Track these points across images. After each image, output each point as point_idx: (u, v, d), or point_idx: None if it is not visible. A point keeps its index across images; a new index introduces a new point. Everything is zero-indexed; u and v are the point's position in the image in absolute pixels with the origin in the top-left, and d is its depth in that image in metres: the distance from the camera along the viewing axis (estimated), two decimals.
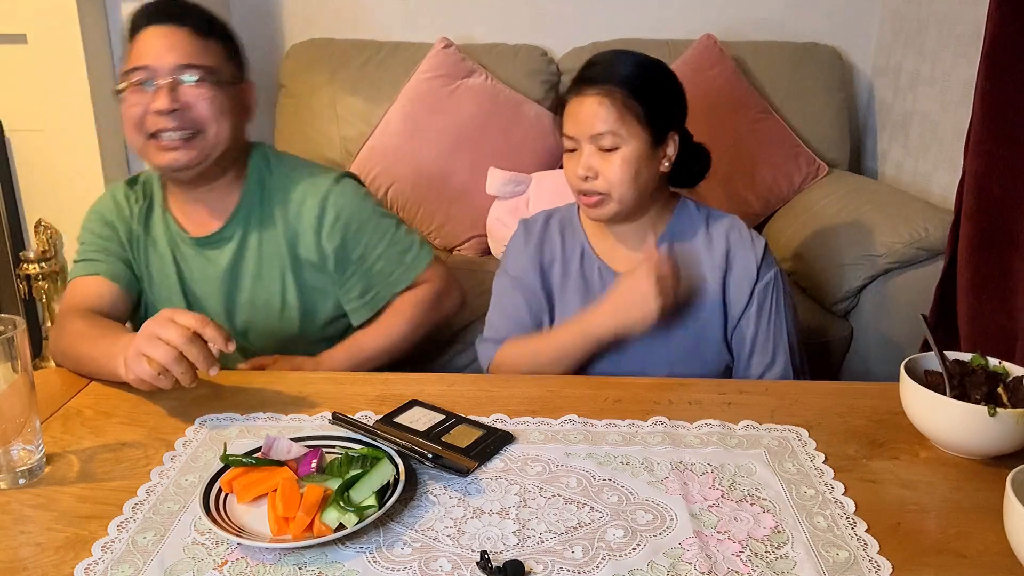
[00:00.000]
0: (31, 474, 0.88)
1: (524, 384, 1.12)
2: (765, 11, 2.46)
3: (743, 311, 1.25)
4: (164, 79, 1.16)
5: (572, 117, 1.22)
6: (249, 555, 0.75)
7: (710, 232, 1.28)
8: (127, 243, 1.29)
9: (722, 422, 0.99)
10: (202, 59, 1.18)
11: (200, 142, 1.19)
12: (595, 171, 1.20)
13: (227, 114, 1.21)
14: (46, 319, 2.33)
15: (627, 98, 1.18)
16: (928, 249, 1.73)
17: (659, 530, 0.79)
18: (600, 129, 1.18)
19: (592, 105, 1.19)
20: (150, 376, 0.96)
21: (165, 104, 1.15)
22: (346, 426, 0.94)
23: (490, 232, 2.17)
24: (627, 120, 1.18)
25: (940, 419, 0.91)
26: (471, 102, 2.21)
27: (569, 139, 1.23)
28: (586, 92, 1.20)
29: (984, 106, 1.36)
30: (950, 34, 2.04)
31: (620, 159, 1.19)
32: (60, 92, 2.15)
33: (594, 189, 1.20)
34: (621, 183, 1.19)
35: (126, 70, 1.18)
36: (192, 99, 1.17)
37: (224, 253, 1.28)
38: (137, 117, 1.17)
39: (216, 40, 1.22)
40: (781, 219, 2.21)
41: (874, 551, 0.76)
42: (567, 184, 1.26)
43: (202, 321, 0.96)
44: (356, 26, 2.47)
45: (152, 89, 1.16)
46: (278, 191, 1.29)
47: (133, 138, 1.20)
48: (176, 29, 1.18)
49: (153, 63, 1.16)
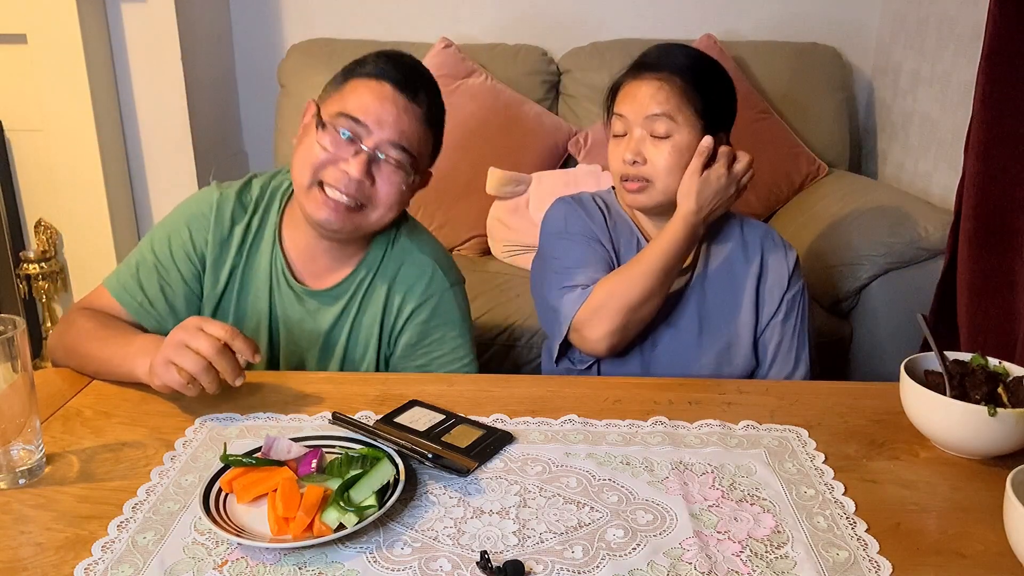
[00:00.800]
0: (31, 474, 0.87)
1: (524, 384, 1.12)
2: (765, 11, 2.46)
3: (771, 318, 1.25)
4: (371, 143, 1.09)
5: (627, 98, 1.20)
6: (249, 555, 0.75)
7: (745, 238, 1.28)
8: (208, 269, 1.18)
9: (722, 422, 0.99)
10: (416, 147, 1.12)
11: (362, 217, 1.13)
12: (643, 157, 1.18)
13: (402, 200, 1.15)
14: (46, 319, 2.33)
15: (687, 86, 1.17)
16: (928, 249, 1.73)
17: (659, 530, 0.79)
18: (656, 111, 1.16)
19: (651, 88, 1.17)
20: (178, 385, 0.95)
21: (359, 173, 1.08)
22: (346, 426, 0.94)
23: (490, 232, 2.17)
24: (684, 108, 1.17)
25: (940, 419, 0.91)
26: (471, 102, 2.21)
27: (620, 119, 1.21)
28: (645, 76, 1.19)
29: (984, 106, 1.36)
30: (950, 34, 2.04)
31: (671, 147, 1.17)
32: (60, 92, 2.15)
33: (639, 174, 1.19)
34: (668, 171, 1.17)
35: (341, 111, 1.10)
36: (383, 177, 1.11)
37: (329, 312, 1.20)
38: (319, 162, 1.10)
39: (433, 132, 1.16)
40: (781, 219, 2.21)
41: (874, 551, 0.76)
42: (569, 185, 1.25)
43: (231, 332, 0.95)
44: (356, 26, 2.48)
45: (353, 147, 1.09)
46: (395, 262, 1.21)
47: (302, 172, 1.11)
48: (411, 106, 1.11)
49: (372, 125, 1.09)
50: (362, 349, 1.23)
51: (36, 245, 2.30)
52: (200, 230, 1.18)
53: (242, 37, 2.55)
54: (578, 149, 2.23)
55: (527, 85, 2.31)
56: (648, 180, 1.19)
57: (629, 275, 1.17)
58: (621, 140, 1.21)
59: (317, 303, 1.20)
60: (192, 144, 2.26)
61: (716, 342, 1.24)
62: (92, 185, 2.20)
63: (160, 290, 1.17)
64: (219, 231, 1.18)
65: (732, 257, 1.27)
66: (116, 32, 2.23)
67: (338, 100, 1.12)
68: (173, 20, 2.19)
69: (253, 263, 1.20)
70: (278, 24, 2.53)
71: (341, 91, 1.13)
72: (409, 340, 1.22)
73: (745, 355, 1.25)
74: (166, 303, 1.17)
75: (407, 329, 1.21)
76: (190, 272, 1.18)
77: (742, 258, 1.27)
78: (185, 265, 1.18)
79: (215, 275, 1.19)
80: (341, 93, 1.13)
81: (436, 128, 1.18)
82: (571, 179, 2.09)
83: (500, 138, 2.20)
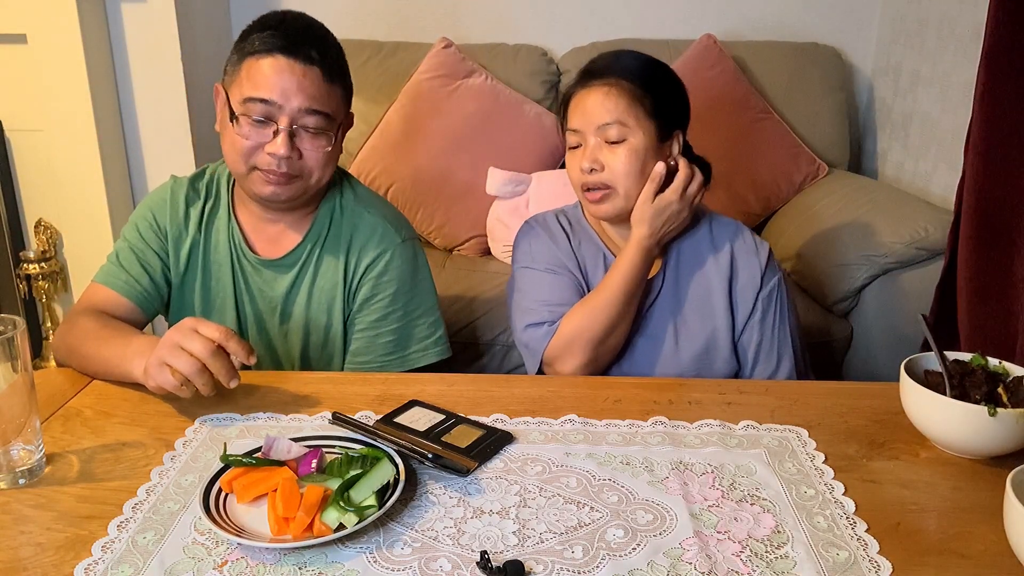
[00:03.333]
0: (31, 474, 0.88)
1: (524, 384, 1.12)
2: (765, 11, 2.46)
3: (748, 319, 1.24)
4: (286, 121, 1.13)
5: (577, 110, 1.20)
6: (249, 555, 0.75)
7: (715, 238, 1.27)
8: (170, 248, 1.26)
9: (722, 422, 0.99)
10: (328, 105, 1.16)
11: (302, 183, 1.18)
12: (600, 163, 1.18)
13: (333, 160, 1.21)
14: (46, 319, 2.33)
15: (635, 88, 1.17)
16: (928, 249, 1.73)
17: (659, 530, 0.79)
18: (607, 119, 1.17)
19: (599, 96, 1.18)
20: (172, 386, 0.95)
21: (283, 151, 1.13)
22: (346, 426, 0.94)
23: (490, 232, 2.17)
24: (634, 110, 1.17)
25: (940, 419, 0.91)
26: (471, 102, 2.21)
27: (573, 133, 1.21)
28: (592, 84, 1.19)
29: (984, 106, 1.36)
30: (950, 34, 2.04)
31: (626, 150, 1.17)
32: (60, 92, 2.15)
33: (600, 181, 1.19)
34: (627, 175, 1.18)
35: (247, 96, 1.13)
36: (308, 148, 1.16)
37: (282, 280, 1.26)
38: (247, 150, 1.15)
39: (339, 83, 1.19)
40: (781, 219, 2.21)
41: (874, 551, 0.76)
42: (569, 184, 1.25)
43: (226, 334, 0.95)
44: (356, 26, 2.47)
45: (270, 128, 1.13)
46: (348, 228, 1.26)
47: (236, 163, 1.17)
48: (306, 68, 1.13)
49: (278, 100, 1.12)
50: (325, 316, 1.27)
51: (36, 245, 2.30)
52: (160, 213, 1.26)
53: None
54: None
55: (527, 85, 2.31)
56: (609, 187, 1.19)
57: (592, 307, 1.19)
58: (577, 151, 1.21)
59: (272, 272, 1.27)
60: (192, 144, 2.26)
61: (693, 346, 1.24)
62: (92, 185, 2.20)
63: (142, 268, 1.24)
64: (175, 213, 1.26)
65: (702, 259, 1.26)
66: (116, 32, 2.23)
67: (239, 86, 1.15)
68: (173, 20, 2.19)
69: (212, 239, 1.27)
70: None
71: (239, 75, 1.16)
72: (364, 295, 1.26)
73: (725, 358, 1.24)
74: (150, 279, 1.24)
75: (363, 285, 1.26)
76: (162, 248, 1.26)
77: (712, 259, 1.26)
78: (156, 242, 1.26)
79: (177, 254, 1.26)
80: (239, 77, 1.15)
81: (341, 78, 1.20)
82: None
83: (500, 138, 2.20)
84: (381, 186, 2.19)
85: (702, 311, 1.25)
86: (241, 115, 1.14)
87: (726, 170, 2.15)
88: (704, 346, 1.24)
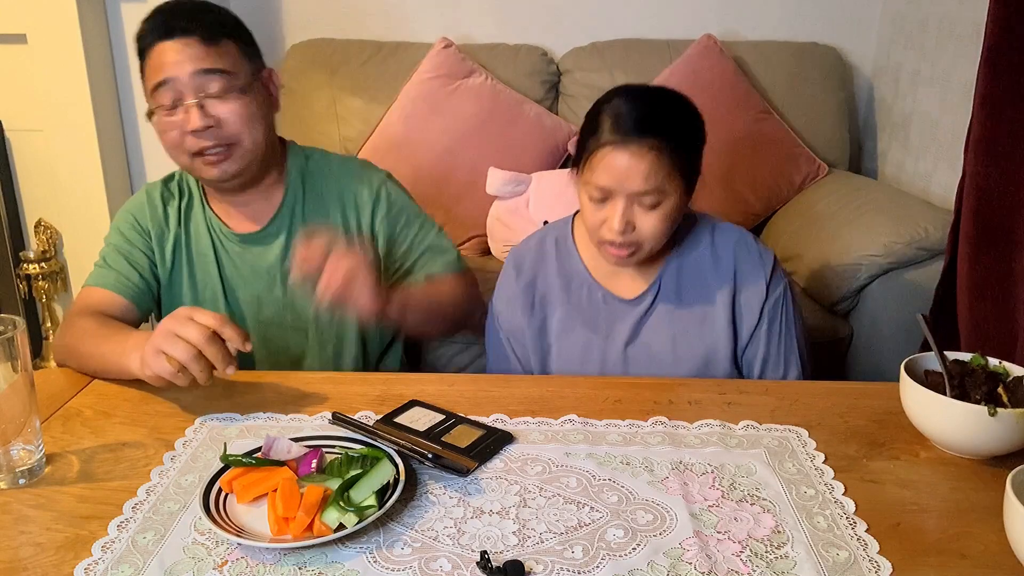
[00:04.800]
0: (31, 474, 0.88)
1: (524, 384, 1.12)
2: (765, 11, 2.46)
3: (753, 331, 1.21)
4: (189, 94, 1.15)
5: (607, 169, 1.09)
6: (249, 555, 0.75)
7: (716, 248, 1.22)
8: (155, 246, 1.29)
9: (722, 422, 0.99)
10: (218, 63, 1.17)
11: (239, 151, 1.20)
12: (633, 225, 1.11)
13: (258, 118, 1.21)
14: (46, 319, 2.33)
15: (673, 151, 1.08)
16: (928, 249, 1.73)
17: (659, 530, 0.79)
18: (645, 187, 1.08)
19: (634, 159, 1.07)
20: (168, 373, 0.96)
21: (198, 123, 1.15)
22: (346, 426, 0.94)
23: (490, 232, 2.17)
24: (673, 176, 1.09)
25: (940, 419, 0.91)
26: (471, 102, 2.21)
27: (599, 188, 1.11)
28: (626, 144, 1.08)
29: (984, 106, 1.36)
30: (950, 34, 2.04)
31: (662, 215, 1.11)
32: (60, 92, 2.15)
33: (630, 242, 1.12)
34: (658, 236, 1.13)
35: (151, 89, 1.17)
36: (223, 114, 1.17)
37: (272, 249, 1.28)
38: (176, 140, 1.18)
39: (228, 39, 1.20)
40: (781, 219, 2.21)
41: (874, 551, 0.76)
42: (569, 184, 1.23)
43: (221, 320, 0.96)
44: (356, 26, 2.47)
45: (182, 108, 1.16)
46: (330, 185, 1.30)
47: (177, 158, 1.21)
48: (186, 41, 1.16)
49: (172, 74, 1.15)
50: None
51: (36, 245, 2.30)
52: (141, 215, 1.30)
53: None
54: None
55: (527, 85, 2.31)
56: (639, 246, 1.13)
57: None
58: (602, 206, 1.13)
59: (259, 247, 1.29)
60: None
61: (692, 358, 1.21)
62: (92, 185, 2.20)
63: (130, 266, 1.27)
64: (155, 213, 1.30)
65: (702, 268, 1.22)
66: (116, 32, 2.23)
67: (146, 85, 1.19)
68: None
69: (192, 232, 1.30)
70: (278, 24, 2.53)
71: (144, 73, 1.20)
72: (386, 236, 1.32)
73: (725, 370, 1.21)
74: (139, 275, 1.27)
75: (378, 228, 1.31)
76: (147, 247, 1.29)
77: (713, 269, 1.21)
78: (141, 242, 1.29)
79: (162, 252, 1.29)
80: (144, 75, 1.20)
81: (226, 35, 1.20)
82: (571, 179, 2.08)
83: (500, 138, 2.20)
84: None
85: (702, 325, 1.21)
86: (156, 110, 1.18)
87: (726, 170, 2.16)
88: (703, 359, 1.21)
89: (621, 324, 1.22)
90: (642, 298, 1.22)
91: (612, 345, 1.22)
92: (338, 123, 2.30)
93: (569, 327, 1.24)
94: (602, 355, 1.23)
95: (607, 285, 1.24)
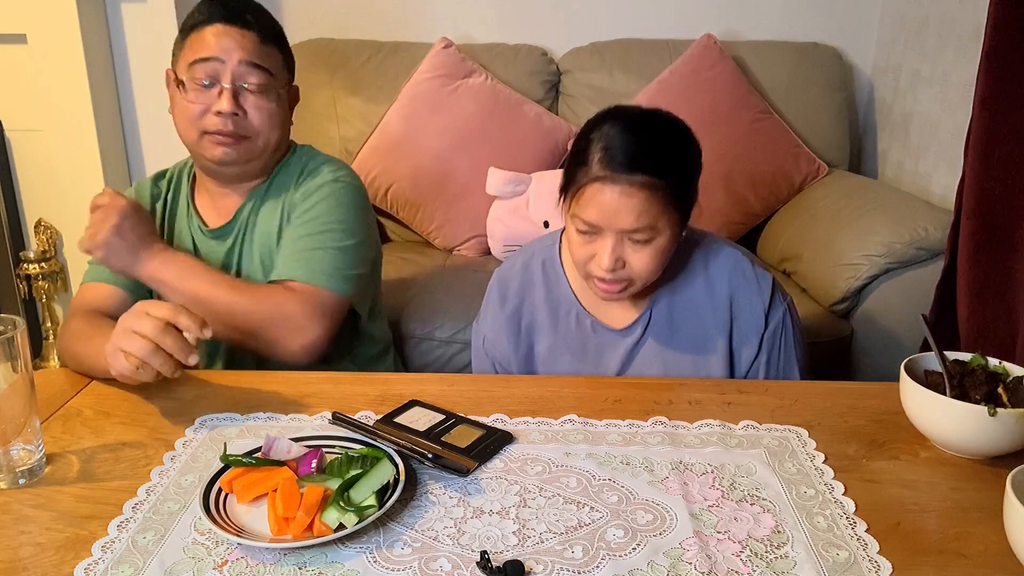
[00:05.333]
0: (31, 474, 0.88)
1: (524, 384, 1.12)
2: (765, 11, 2.46)
3: (752, 362, 1.17)
4: (228, 78, 1.20)
5: (595, 204, 1.03)
6: (249, 555, 0.75)
7: (710, 276, 1.16)
8: None
9: (722, 422, 0.99)
10: (266, 61, 1.23)
11: (250, 144, 1.24)
12: (623, 261, 1.06)
13: (278, 123, 1.27)
14: (46, 319, 2.33)
15: (665, 187, 1.03)
16: (928, 249, 1.73)
17: (659, 530, 0.79)
18: (635, 225, 1.03)
19: (623, 198, 1.02)
20: (129, 371, 0.96)
21: (228, 107, 1.19)
22: (346, 426, 0.94)
23: (490, 232, 2.17)
24: (667, 212, 1.04)
25: (940, 419, 0.91)
26: (471, 102, 2.21)
27: (588, 224, 1.06)
28: (619, 182, 1.02)
29: (984, 106, 1.36)
30: (950, 34, 2.04)
31: (654, 251, 1.06)
32: (60, 92, 2.15)
33: (619, 279, 1.07)
34: (650, 273, 1.08)
35: (189, 62, 1.20)
36: (252, 107, 1.22)
37: (224, 244, 1.30)
38: (196, 113, 1.21)
39: (276, 47, 1.27)
40: (781, 219, 2.21)
41: (874, 551, 0.76)
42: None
43: (174, 311, 0.96)
44: (356, 26, 2.47)
45: (215, 89, 1.20)
46: (291, 177, 1.31)
47: (187, 131, 1.23)
48: (244, 31, 1.21)
49: (221, 55, 1.19)
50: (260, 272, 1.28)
51: (36, 245, 2.30)
52: None
53: None
54: None
55: (527, 85, 2.31)
56: (630, 282, 1.09)
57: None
58: (590, 240, 1.07)
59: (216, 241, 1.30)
60: None
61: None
62: (92, 185, 2.20)
63: None
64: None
65: (696, 299, 1.16)
66: (116, 32, 2.23)
67: (184, 58, 1.23)
68: (173, 20, 2.19)
69: (175, 228, 1.33)
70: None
71: (184, 49, 1.24)
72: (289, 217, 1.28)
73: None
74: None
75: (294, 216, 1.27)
76: None
77: (708, 300, 1.15)
78: None
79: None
80: (185, 51, 1.23)
81: (278, 43, 1.28)
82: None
83: (500, 138, 2.20)
84: (381, 186, 2.19)
85: (696, 357, 1.16)
86: (188, 80, 1.21)
87: (726, 170, 2.16)
88: None
89: (611, 354, 1.18)
90: (632, 328, 1.18)
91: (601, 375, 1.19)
92: (338, 123, 2.30)
93: (556, 355, 1.20)
94: None
95: (595, 313, 1.19)
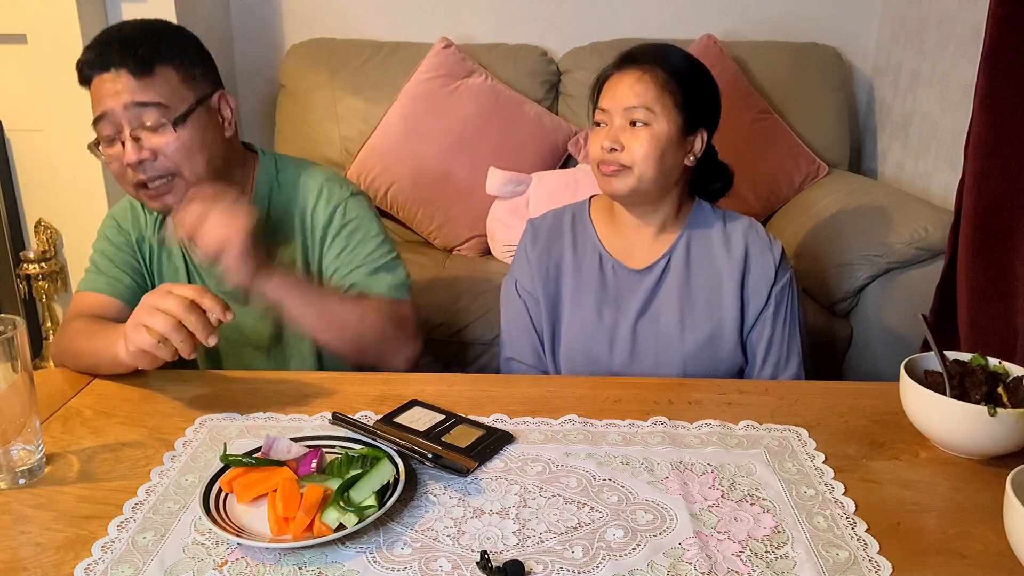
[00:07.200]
0: (31, 474, 0.88)
1: (524, 384, 1.12)
2: (765, 11, 2.46)
3: (760, 313, 1.25)
4: (123, 127, 1.14)
5: (609, 90, 1.23)
6: (249, 555, 0.75)
7: (728, 232, 1.28)
8: (138, 250, 1.30)
9: (722, 422, 0.99)
10: (150, 95, 1.14)
11: (180, 184, 1.17)
12: (621, 144, 1.20)
13: (198, 147, 1.17)
14: (46, 319, 2.33)
15: (667, 78, 1.19)
16: (928, 249, 1.73)
17: (659, 530, 0.79)
18: (634, 102, 1.19)
19: (631, 79, 1.20)
20: (150, 345, 0.96)
21: (133, 156, 1.13)
22: (346, 426, 0.94)
23: (490, 232, 2.17)
24: (663, 99, 1.19)
25: (940, 419, 0.91)
26: (471, 102, 2.21)
27: (601, 112, 1.23)
28: (627, 68, 1.22)
29: (984, 106, 1.36)
30: (950, 34, 2.04)
31: (648, 135, 1.19)
32: (60, 92, 2.14)
33: (616, 160, 1.20)
34: (645, 159, 1.19)
35: (93, 120, 1.17)
36: (157, 146, 1.14)
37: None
38: (118, 172, 1.17)
39: (163, 67, 1.15)
40: (781, 219, 2.21)
41: (874, 551, 0.76)
42: (568, 185, 1.25)
43: (200, 291, 0.97)
44: (356, 26, 2.48)
45: (119, 141, 1.15)
46: (296, 200, 1.27)
47: (124, 188, 1.20)
48: (116, 75, 1.14)
49: (108, 107, 1.14)
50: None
51: (36, 245, 2.30)
52: (124, 219, 1.31)
53: (242, 37, 2.55)
54: (578, 149, 2.23)
55: (527, 85, 2.31)
56: (625, 166, 1.20)
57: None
58: (600, 130, 1.23)
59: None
60: None
61: (698, 332, 1.24)
62: (92, 185, 2.19)
63: (120, 268, 1.28)
64: (136, 219, 1.30)
65: (713, 249, 1.27)
66: None
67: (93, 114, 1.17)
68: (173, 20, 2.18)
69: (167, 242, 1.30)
70: (278, 24, 2.53)
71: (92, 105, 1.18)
72: (336, 250, 1.27)
73: (730, 349, 1.25)
74: (130, 277, 1.28)
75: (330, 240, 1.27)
76: (132, 249, 1.30)
77: (724, 251, 1.27)
78: (126, 245, 1.29)
79: (143, 256, 1.31)
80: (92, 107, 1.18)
81: (161, 63, 1.15)
82: (571, 179, 2.09)
83: (500, 138, 2.20)
84: (381, 186, 2.19)
85: (710, 301, 1.25)
86: (100, 142, 1.17)
87: None
88: (709, 335, 1.24)
89: (632, 296, 1.27)
90: (652, 268, 1.27)
91: (623, 317, 1.26)
92: (338, 123, 2.30)
93: (581, 296, 1.28)
94: (613, 323, 1.26)
95: (618, 256, 1.29)
